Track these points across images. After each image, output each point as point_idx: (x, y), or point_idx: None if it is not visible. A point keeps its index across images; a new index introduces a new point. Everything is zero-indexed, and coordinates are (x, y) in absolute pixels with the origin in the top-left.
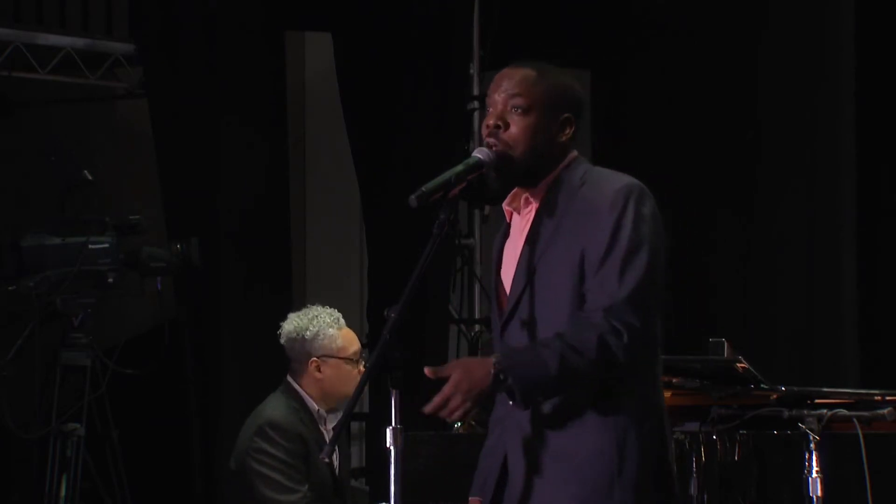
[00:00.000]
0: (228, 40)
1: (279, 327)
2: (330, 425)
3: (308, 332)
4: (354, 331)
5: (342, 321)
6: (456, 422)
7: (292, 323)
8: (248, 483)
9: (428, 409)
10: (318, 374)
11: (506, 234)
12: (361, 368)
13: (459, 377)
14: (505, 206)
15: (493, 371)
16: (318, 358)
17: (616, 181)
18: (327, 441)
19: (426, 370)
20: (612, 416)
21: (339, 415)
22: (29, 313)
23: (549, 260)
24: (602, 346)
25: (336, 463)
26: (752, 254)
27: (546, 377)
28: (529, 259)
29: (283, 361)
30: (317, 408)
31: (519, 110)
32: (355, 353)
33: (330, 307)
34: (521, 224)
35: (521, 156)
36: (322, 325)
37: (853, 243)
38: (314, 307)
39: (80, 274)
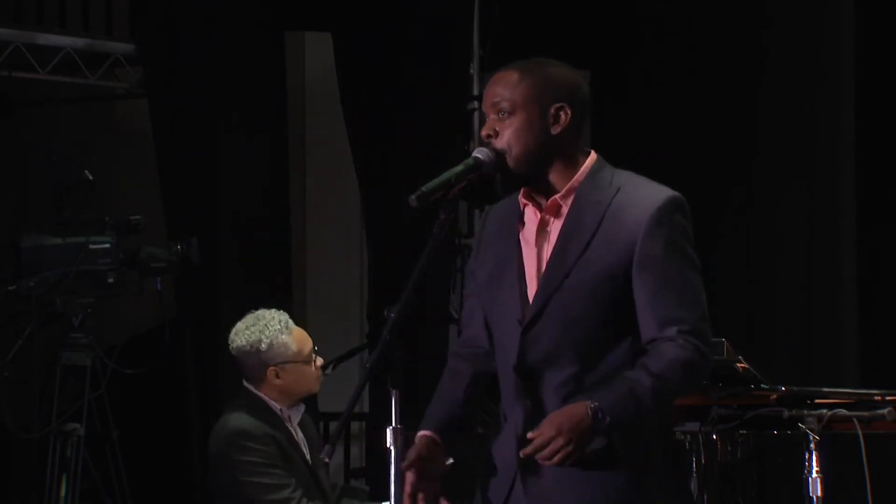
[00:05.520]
0: (228, 40)
1: (229, 338)
2: (295, 421)
3: (263, 344)
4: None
5: (291, 323)
6: (559, 465)
7: (242, 337)
8: (241, 496)
9: (526, 452)
10: (277, 381)
11: (518, 225)
12: (318, 363)
13: (560, 419)
14: (521, 198)
15: (591, 409)
16: (275, 366)
17: (658, 192)
18: (296, 437)
19: (529, 435)
20: None
21: (302, 408)
22: (28, 314)
23: (585, 265)
24: (688, 367)
25: (308, 456)
26: (752, 253)
27: (641, 412)
28: (562, 263)
29: None
30: (279, 407)
31: (504, 114)
32: (309, 353)
33: (278, 310)
34: (539, 225)
35: (517, 159)
36: (274, 334)
37: (853, 243)
38: (259, 313)
39: (80, 274)
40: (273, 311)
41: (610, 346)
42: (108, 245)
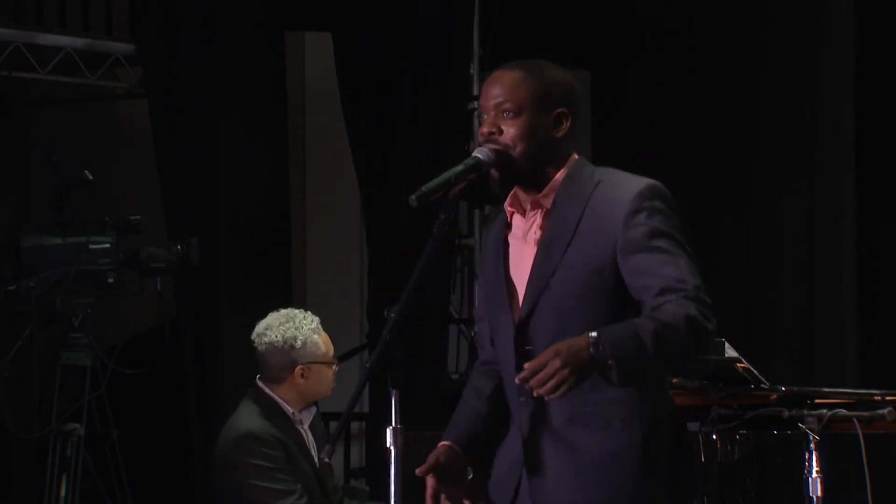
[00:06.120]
0: (228, 40)
1: (255, 334)
2: (306, 424)
3: (298, 341)
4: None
5: (320, 325)
6: (551, 396)
7: (276, 332)
8: (244, 499)
9: (522, 376)
10: (301, 381)
11: (505, 231)
12: (335, 369)
13: (559, 346)
14: (507, 206)
15: (592, 340)
16: (303, 365)
17: (636, 182)
18: (306, 441)
19: (526, 365)
20: (636, 417)
21: (314, 409)
22: (28, 314)
23: (570, 262)
24: (692, 322)
25: (317, 460)
26: (752, 253)
27: (643, 353)
28: (547, 261)
29: None
30: (292, 410)
31: (510, 114)
32: (332, 357)
33: (309, 311)
34: (524, 227)
35: (520, 156)
36: (308, 333)
37: (853, 243)
38: (289, 311)
39: (80, 274)
40: (301, 310)
41: None
42: (108, 245)
